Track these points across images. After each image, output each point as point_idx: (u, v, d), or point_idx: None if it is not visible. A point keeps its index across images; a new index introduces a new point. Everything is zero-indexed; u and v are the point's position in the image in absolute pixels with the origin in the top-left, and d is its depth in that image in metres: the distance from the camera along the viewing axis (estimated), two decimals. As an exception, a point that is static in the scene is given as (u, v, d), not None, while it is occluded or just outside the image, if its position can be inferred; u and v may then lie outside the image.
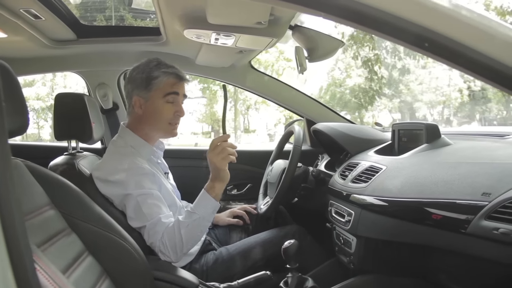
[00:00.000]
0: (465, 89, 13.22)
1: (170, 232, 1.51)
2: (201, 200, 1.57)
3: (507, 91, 0.80)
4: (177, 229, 1.51)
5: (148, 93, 1.66)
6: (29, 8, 1.60)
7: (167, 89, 1.66)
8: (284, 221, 2.16)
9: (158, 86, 1.66)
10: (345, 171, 1.79)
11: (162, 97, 1.66)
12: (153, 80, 1.66)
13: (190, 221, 1.52)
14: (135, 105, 1.69)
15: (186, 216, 1.55)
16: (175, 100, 1.69)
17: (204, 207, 1.55)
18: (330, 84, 14.53)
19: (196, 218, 1.53)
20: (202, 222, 1.55)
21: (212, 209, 1.57)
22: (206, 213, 1.55)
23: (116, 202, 1.58)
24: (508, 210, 0.99)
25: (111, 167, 1.60)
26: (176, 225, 1.52)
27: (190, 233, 1.52)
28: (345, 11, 0.83)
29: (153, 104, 1.67)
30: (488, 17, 0.81)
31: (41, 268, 0.75)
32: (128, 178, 1.56)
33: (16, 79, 0.98)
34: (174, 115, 1.70)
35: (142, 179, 1.58)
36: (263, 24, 1.59)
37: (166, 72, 1.67)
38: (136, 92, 1.68)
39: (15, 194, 0.58)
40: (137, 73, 1.69)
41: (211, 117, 16.52)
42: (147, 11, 2.37)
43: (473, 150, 1.47)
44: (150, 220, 1.52)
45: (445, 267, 1.33)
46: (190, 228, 1.52)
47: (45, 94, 14.71)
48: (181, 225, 1.51)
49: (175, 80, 1.68)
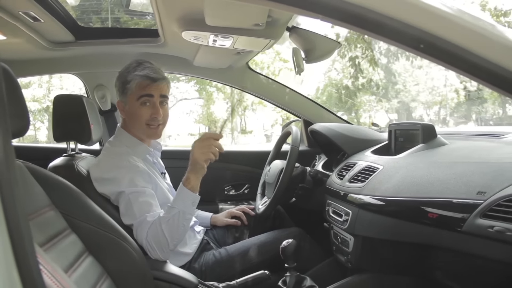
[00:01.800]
0: (461, 90, 13.23)
1: (153, 229, 1.50)
2: (179, 194, 1.56)
3: (501, 92, 0.81)
4: (159, 225, 1.50)
5: (126, 97, 1.71)
6: (28, 10, 1.60)
7: (139, 92, 1.67)
8: (282, 221, 2.17)
9: (131, 90, 1.68)
10: (342, 171, 1.80)
11: (136, 100, 1.68)
12: (126, 85, 1.69)
13: (170, 215, 1.51)
14: (119, 109, 1.76)
15: (167, 211, 1.54)
16: (150, 102, 1.69)
17: (182, 200, 1.54)
18: (327, 85, 14.53)
19: (176, 213, 1.51)
20: (183, 215, 1.53)
21: (191, 201, 1.55)
22: (185, 206, 1.54)
23: (112, 199, 1.60)
24: (503, 208, 1.01)
25: (106, 165, 1.62)
26: (157, 221, 1.51)
27: (172, 228, 1.51)
28: (341, 13, 0.84)
29: (130, 108, 1.71)
30: (483, 19, 0.82)
31: (44, 268, 0.76)
32: (122, 175, 1.57)
33: (16, 81, 0.99)
34: (151, 117, 1.69)
35: (135, 177, 1.59)
36: (260, 26, 1.60)
37: (138, 75, 1.67)
38: (118, 97, 1.75)
39: (19, 195, 0.59)
40: (117, 79, 1.74)
41: (208, 117, 16.48)
42: (145, 13, 2.38)
43: (468, 149, 1.48)
44: (138, 219, 1.53)
45: (441, 265, 1.34)
46: (171, 223, 1.50)
47: (42, 95, 14.64)
48: (161, 221, 1.50)
49: (147, 82, 1.67)
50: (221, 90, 15.65)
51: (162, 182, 1.76)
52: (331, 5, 0.83)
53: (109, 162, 1.63)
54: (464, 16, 0.82)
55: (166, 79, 1.73)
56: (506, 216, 0.99)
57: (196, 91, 16.29)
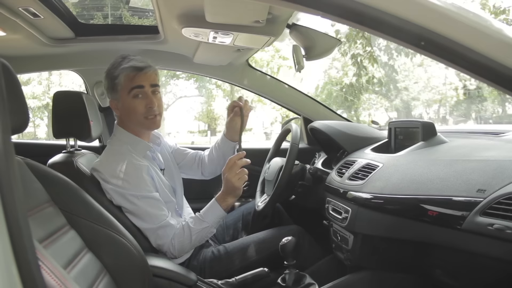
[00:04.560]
0: (461, 88, 13.23)
1: (180, 236, 1.63)
2: (211, 209, 1.69)
3: (502, 89, 0.81)
4: (187, 234, 1.63)
5: (117, 94, 1.69)
6: (28, 6, 1.60)
7: (129, 84, 1.66)
8: (281, 218, 2.17)
9: (121, 84, 1.67)
10: (342, 169, 1.80)
11: (128, 94, 1.67)
12: (115, 80, 1.67)
13: (200, 228, 1.65)
14: (113, 108, 1.74)
15: (196, 223, 1.67)
16: (142, 93, 1.67)
17: (212, 216, 1.68)
18: (327, 83, 14.52)
19: (206, 227, 1.66)
20: (210, 229, 1.68)
21: (220, 218, 1.70)
22: (214, 221, 1.68)
23: (117, 201, 1.60)
24: (502, 206, 1.00)
25: (111, 169, 1.61)
26: (186, 230, 1.64)
27: (197, 238, 1.66)
28: (341, 10, 0.84)
29: (124, 104, 1.69)
30: (483, 17, 0.82)
31: (43, 264, 0.76)
32: (129, 179, 1.59)
33: (16, 77, 0.99)
34: (146, 108, 1.68)
35: (143, 181, 1.61)
36: (261, 23, 1.60)
37: (124, 68, 1.66)
38: (109, 95, 1.74)
39: (19, 191, 0.59)
40: (105, 79, 1.73)
41: (208, 115, 16.47)
42: (145, 10, 2.38)
43: (468, 147, 1.48)
44: (158, 223, 1.60)
45: (441, 262, 1.34)
46: (200, 235, 1.66)
47: (41, 92, 14.63)
48: (192, 232, 1.64)
49: (134, 73, 1.66)
50: (221, 88, 15.66)
51: (163, 179, 1.76)
52: (331, 1, 0.83)
53: (113, 166, 1.61)
54: (464, 14, 0.82)
55: (153, 67, 1.71)
56: (506, 214, 0.99)
57: (196, 88, 16.29)
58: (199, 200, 1.82)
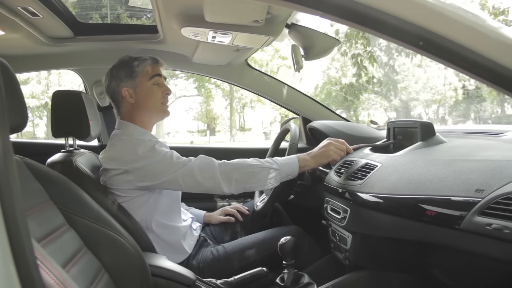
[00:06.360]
0: (460, 88, 13.24)
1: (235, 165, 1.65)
2: (288, 160, 1.69)
3: (501, 89, 0.81)
4: (245, 166, 1.64)
5: (135, 81, 1.75)
6: (26, 5, 1.60)
7: (150, 72, 1.77)
8: (280, 218, 2.17)
9: (142, 72, 1.75)
10: (340, 168, 1.80)
11: (148, 81, 1.76)
12: (135, 68, 1.75)
13: (263, 166, 1.64)
14: (126, 96, 1.75)
15: (265, 160, 1.67)
16: (159, 81, 1.79)
17: (284, 162, 1.68)
18: (326, 83, 14.54)
19: (270, 167, 1.64)
20: (273, 174, 1.65)
21: (291, 171, 1.67)
22: (282, 171, 1.66)
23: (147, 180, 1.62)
24: (501, 206, 1.00)
25: (129, 150, 1.64)
26: (242, 163, 1.65)
27: (255, 178, 1.64)
28: (340, 9, 0.84)
29: (142, 90, 1.75)
30: (482, 17, 0.82)
31: (41, 263, 0.76)
32: (149, 154, 1.62)
33: (15, 76, 0.99)
34: (163, 94, 1.80)
35: (159, 149, 1.65)
36: (260, 23, 1.60)
37: (144, 59, 1.78)
38: (123, 85, 1.75)
39: (17, 190, 0.59)
40: (117, 70, 1.77)
41: (207, 114, 16.49)
42: (144, 9, 2.38)
43: (467, 147, 1.48)
44: (189, 162, 1.63)
45: (439, 262, 1.34)
46: (259, 174, 1.63)
47: (40, 92, 14.64)
48: (253, 162, 1.65)
49: (153, 64, 1.79)
50: (220, 87, 15.67)
51: None
52: (330, 1, 0.83)
53: (130, 147, 1.65)
54: (463, 14, 0.82)
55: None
56: (504, 214, 0.99)
57: (195, 88, 16.30)
58: (199, 200, 1.82)
